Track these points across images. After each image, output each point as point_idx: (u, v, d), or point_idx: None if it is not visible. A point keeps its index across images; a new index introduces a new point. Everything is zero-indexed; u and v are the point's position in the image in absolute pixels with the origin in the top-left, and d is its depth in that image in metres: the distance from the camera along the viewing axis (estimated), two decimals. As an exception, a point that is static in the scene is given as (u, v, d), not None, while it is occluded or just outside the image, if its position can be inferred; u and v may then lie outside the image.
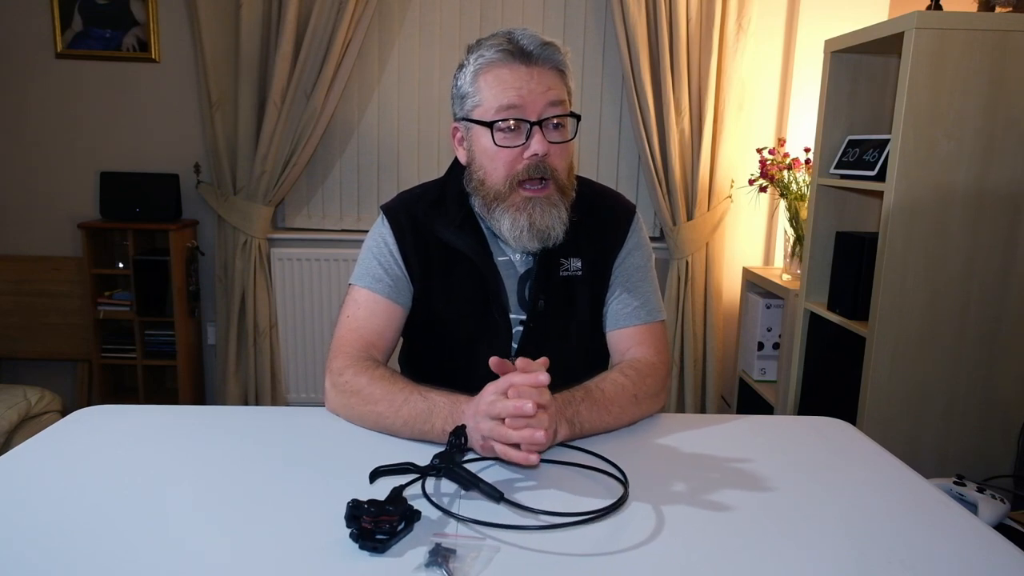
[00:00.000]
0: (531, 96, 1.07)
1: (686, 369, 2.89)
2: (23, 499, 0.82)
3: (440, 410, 0.99)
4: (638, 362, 1.14)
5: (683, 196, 2.79)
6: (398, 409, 1.02)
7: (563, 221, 1.13)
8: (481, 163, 1.13)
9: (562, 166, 1.13)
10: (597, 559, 0.73)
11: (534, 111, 1.08)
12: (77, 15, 2.75)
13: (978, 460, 1.83)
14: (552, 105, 1.09)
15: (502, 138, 1.09)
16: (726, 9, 2.67)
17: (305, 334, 2.91)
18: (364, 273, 1.19)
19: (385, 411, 1.03)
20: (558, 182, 1.12)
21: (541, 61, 1.09)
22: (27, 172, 2.87)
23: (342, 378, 1.09)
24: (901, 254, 1.74)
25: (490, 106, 1.09)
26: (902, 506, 0.87)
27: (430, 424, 0.99)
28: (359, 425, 1.07)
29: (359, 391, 1.06)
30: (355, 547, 0.73)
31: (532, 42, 1.09)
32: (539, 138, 1.08)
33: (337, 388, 1.09)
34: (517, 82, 1.07)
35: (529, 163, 1.09)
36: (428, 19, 2.84)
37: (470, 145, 1.15)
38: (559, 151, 1.11)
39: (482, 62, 1.10)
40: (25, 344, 2.88)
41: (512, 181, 1.10)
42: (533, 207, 1.10)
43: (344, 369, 1.10)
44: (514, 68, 1.08)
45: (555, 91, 1.09)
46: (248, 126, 2.73)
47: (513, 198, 1.11)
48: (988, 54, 1.66)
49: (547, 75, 1.09)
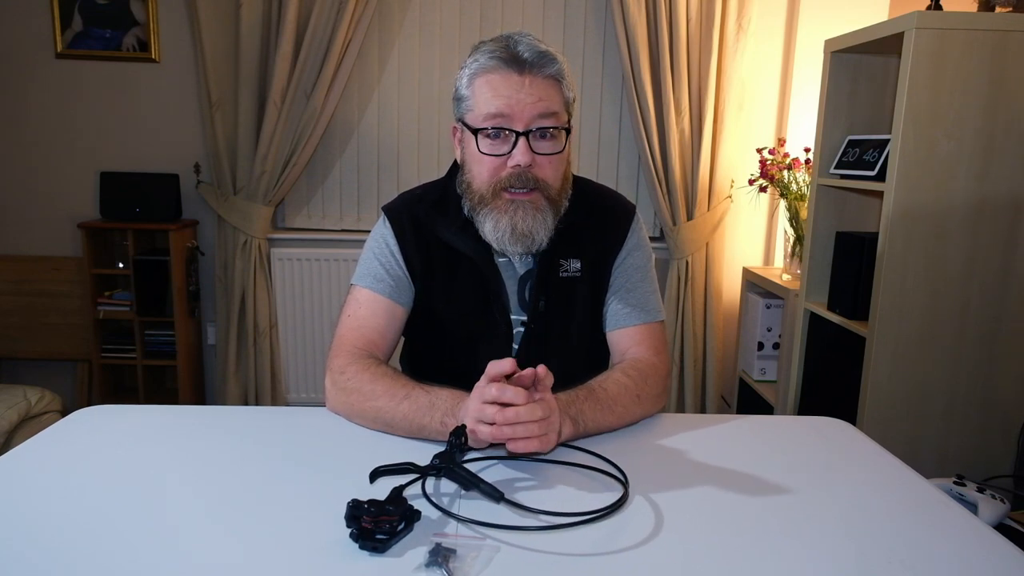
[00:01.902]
0: (520, 106, 1.06)
1: (686, 369, 2.89)
2: (23, 499, 0.82)
3: (442, 403, 0.99)
4: (639, 362, 1.14)
5: (683, 196, 2.79)
6: (399, 403, 1.01)
7: (548, 228, 1.12)
8: (469, 166, 1.14)
9: (551, 176, 1.11)
10: (597, 559, 0.73)
11: (521, 121, 1.07)
12: (77, 15, 2.75)
13: (978, 460, 1.83)
14: (542, 116, 1.07)
15: (488, 145, 1.09)
16: (726, 9, 2.67)
17: (305, 334, 2.91)
18: (365, 273, 1.19)
19: (386, 406, 1.02)
20: (546, 192, 1.11)
21: (535, 70, 1.07)
22: (27, 172, 2.87)
23: (343, 376, 1.09)
24: (901, 254, 1.74)
25: (479, 112, 1.09)
26: (902, 506, 0.87)
27: (431, 417, 0.99)
28: (360, 422, 1.07)
29: (360, 388, 1.06)
30: (355, 547, 0.73)
31: (528, 50, 1.07)
32: (523, 148, 1.07)
33: (338, 386, 1.09)
34: (508, 90, 1.06)
35: (512, 172, 1.08)
36: (428, 19, 2.84)
37: (464, 146, 1.16)
38: (547, 162, 1.10)
39: (477, 66, 1.09)
40: (25, 344, 2.88)
41: (496, 187, 1.10)
42: (515, 210, 1.09)
43: (345, 367, 1.10)
44: (507, 75, 1.07)
45: (546, 102, 1.07)
46: (248, 126, 2.73)
47: (496, 202, 1.10)
48: (988, 54, 1.66)
49: (540, 85, 1.07)
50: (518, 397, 0.89)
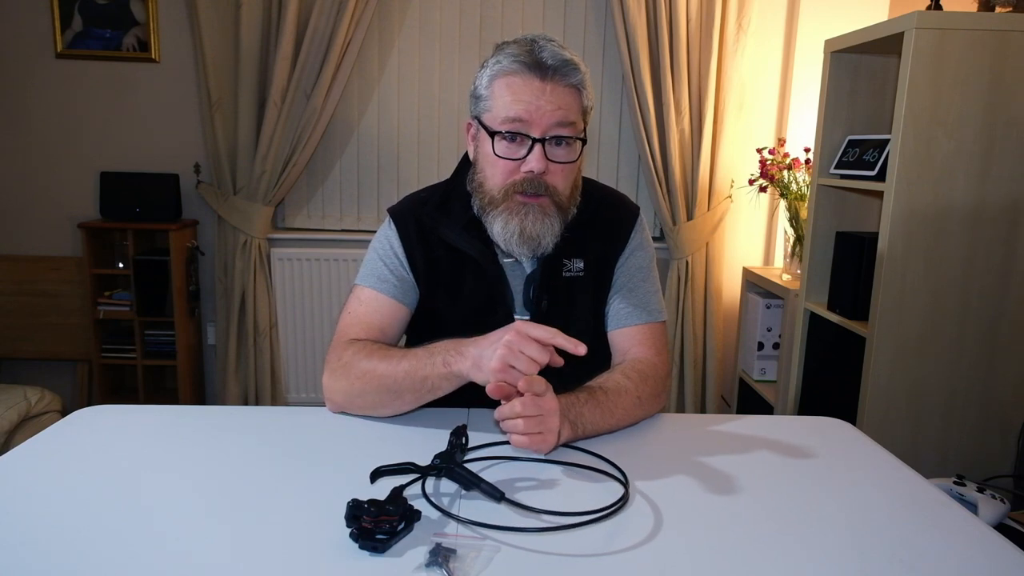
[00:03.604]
0: (539, 112, 1.06)
1: (686, 369, 2.89)
2: (23, 499, 0.82)
3: (440, 348, 1.01)
4: (640, 363, 1.14)
5: (683, 196, 2.79)
6: (398, 364, 1.03)
7: (555, 233, 1.12)
8: (482, 166, 1.14)
9: (562, 184, 1.11)
10: (597, 559, 0.73)
11: (539, 128, 1.07)
12: (77, 15, 2.75)
13: (978, 460, 1.83)
14: (560, 125, 1.07)
15: (503, 148, 1.09)
16: (726, 9, 2.67)
17: (305, 334, 2.91)
18: (369, 274, 1.20)
19: (385, 370, 1.04)
20: (555, 198, 1.11)
21: (558, 78, 1.07)
22: (27, 172, 2.87)
23: (340, 361, 1.09)
24: (901, 254, 1.74)
25: (498, 114, 1.08)
26: (902, 506, 0.87)
27: (431, 364, 1.00)
28: (360, 404, 1.07)
29: (357, 364, 1.06)
30: (355, 547, 0.73)
31: (553, 56, 1.07)
32: (538, 155, 1.07)
33: (336, 372, 1.09)
34: (528, 95, 1.06)
35: (526, 177, 1.09)
36: (428, 19, 2.84)
37: (477, 145, 1.15)
38: (560, 170, 1.10)
39: (499, 68, 1.09)
40: (25, 344, 2.88)
41: (508, 190, 1.10)
42: (526, 214, 1.10)
43: (342, 353, 1.10)
44: (528, 80, 1.06)
45: (565, 111, 1.07)
46: (248, 126, 2.73)
47: (507, 204, 1.10)
48: (988, 54, 1.66)
49: (561, 93, 1.07)
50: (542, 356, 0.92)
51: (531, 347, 0.91)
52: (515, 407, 0.93)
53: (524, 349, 0.91)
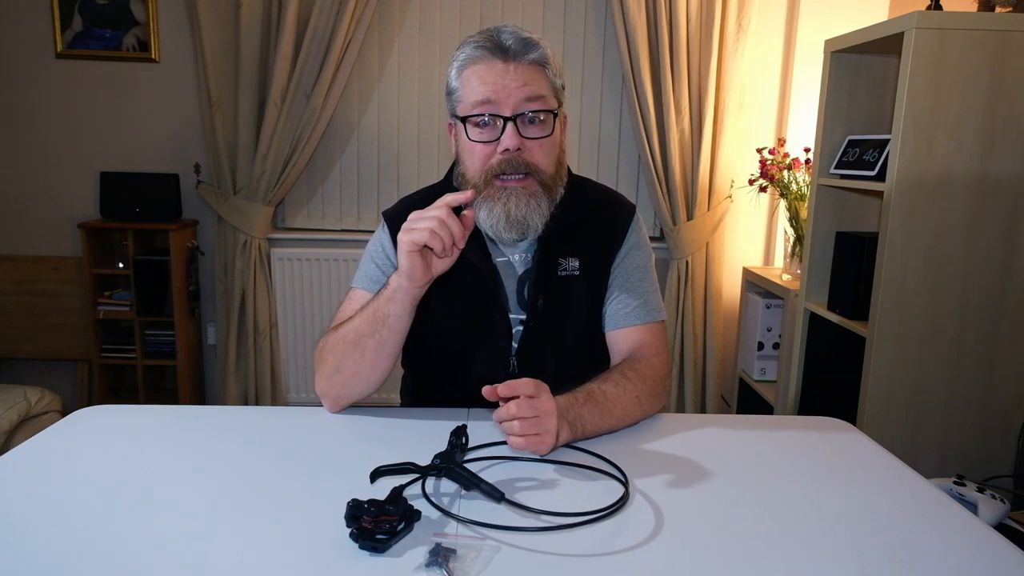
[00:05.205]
0: (505, 92, 1.07)
1: (686, 369, 2.89)
2: (23, 499, 0.82)
3: (388, 280, 1.06)
4: (639, 363, 1.14)
5: (683, 196, 2.79)
6: (359, 314, 1.07)
7: (543, 214, 1.12)
8: (463, 157, 1.15)
9: (543, 161, 1.12)
10: (597, 559, 0.73)
11: (508, 106, 1.08)
12: (77, 15, 2.75)
13: (978, 460, 1.83)
14: (528, 100, 1.08)
15: (476, 133, 1.10)
16: (726, 9, 2.67)
17: (305, 334, 2.91)
18: (362, 276, 1.21)
19: (346, 331, 1.08)
20: (539, 177, 1.11)
21: (520, 56, 1.08)
22: (27, 172, 2.87)
23: (321, 355, 1.11)
24: (901, 254, 1.74)
25: (467, 101, 1.10)
26: (902, 506, 0.87)
27: (376, 298, 1.06)
28: (341, 381, 1.08)
29: (328, 343, 1.10)
30: (355, 547, 0.73)
31: (512, 38, 1.09)
32: (511, 132, 1.08)
33: (318, 367, 1.11)
34: (493, 77, 1.08)
35: (503, 158, 1.09)
36: (428, 19, 2.84)
37: (457, 140, 1.16)
38: (538, 146, 1.10)
39: (464, 58, 1.11)
40: (25, 344, 2.88)
41: (487, 175, 1.10)
42: (508, 197, 1.10)
43: (322, 349, 1.12)
44: (491, 64, 1.08)
45: (532, 86, 1.08)
46: (248, 126, 2.73)
47: (489, 190, 1.11)
48: (988, 54, 1.66)
49: (525, 70, 1.08)
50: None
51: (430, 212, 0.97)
52: (511, 409, 0.94)
53: (423, 215, 0.98)
